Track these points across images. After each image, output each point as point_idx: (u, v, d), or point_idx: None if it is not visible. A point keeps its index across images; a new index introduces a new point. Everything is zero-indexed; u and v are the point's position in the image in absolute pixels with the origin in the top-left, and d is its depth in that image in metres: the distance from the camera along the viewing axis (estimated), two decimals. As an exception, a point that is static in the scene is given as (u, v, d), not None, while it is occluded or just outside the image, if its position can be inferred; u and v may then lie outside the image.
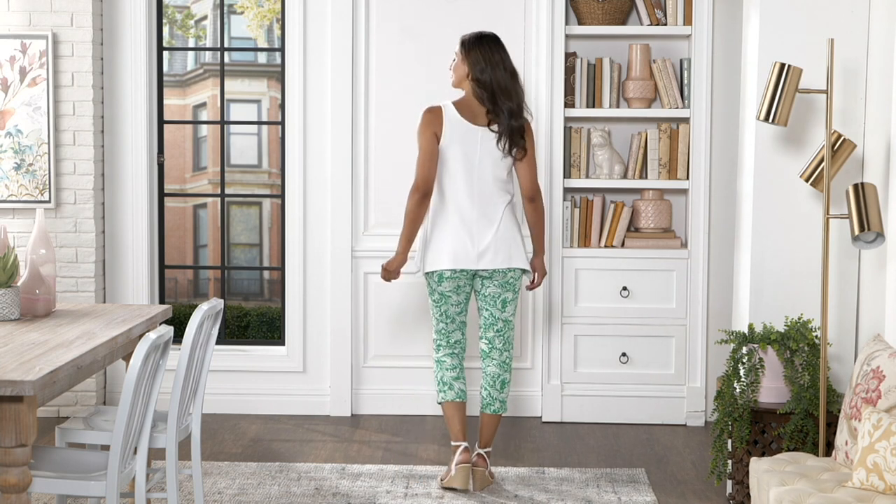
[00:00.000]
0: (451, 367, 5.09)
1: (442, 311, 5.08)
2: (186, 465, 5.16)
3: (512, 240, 5.07)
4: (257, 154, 7.33)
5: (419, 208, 5.03)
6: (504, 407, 5.17)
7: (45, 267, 4.48)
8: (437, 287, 5.06)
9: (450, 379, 5.08)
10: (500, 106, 4.99)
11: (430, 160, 5.00)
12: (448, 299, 5.06)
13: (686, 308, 6.21)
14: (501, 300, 5.11)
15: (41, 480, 3.56)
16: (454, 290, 5.05)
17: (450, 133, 5.00)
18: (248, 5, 6.91)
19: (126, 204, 6.36)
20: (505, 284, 5.10)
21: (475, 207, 5.03)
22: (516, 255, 5.08)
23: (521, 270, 5.12)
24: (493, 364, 5.16)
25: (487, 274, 5.07)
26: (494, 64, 5.01)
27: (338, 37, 6.25)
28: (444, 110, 5.03)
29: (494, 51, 5.03)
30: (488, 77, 4.99)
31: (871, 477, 3.64)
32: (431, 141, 5.00)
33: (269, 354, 6.45)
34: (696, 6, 6.11)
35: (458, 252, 5.01)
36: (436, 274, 5.04)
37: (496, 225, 5.04)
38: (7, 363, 3.56)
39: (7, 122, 6.17)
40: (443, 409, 5.13)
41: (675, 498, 5.06)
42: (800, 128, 4.87)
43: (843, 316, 4.87)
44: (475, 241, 5.02)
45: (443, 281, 5.04)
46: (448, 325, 5.10)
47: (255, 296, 7.56)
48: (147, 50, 6.31)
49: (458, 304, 5.09)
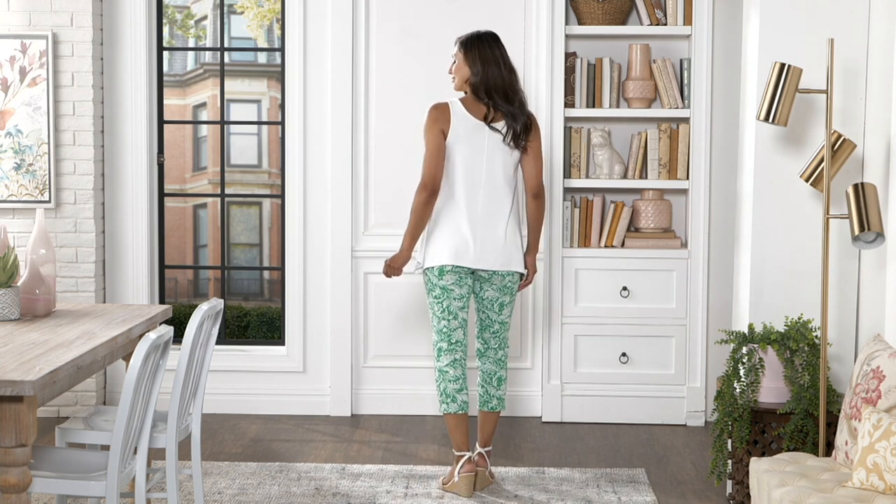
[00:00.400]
0: (454, 379, 5.05)
1: (444, 307, 5.03)
2: (186, 465, 5.16)
3: (513, 243, 5.06)
4: (257, 154, 7.33)
5: (426, 206, 5.00)
6: (502, 404, 5.17)
7: (45, 267, 4.48)
8: (437, 282, 5.03)
9: (452, 391, 5.05)
10: (502, 103, 4.99)
11: (437, 157, 4.98)
12: (450, 293, 5.02)
13: (686, 308, 6.21)
14: (499, 304, 5.11)
15: (41, 480, 3.56)
16: (456, 282, 5.01)
17: (457, 130, 4.99)
18: (248, 5, 6.91)
19: (126, 204, 6.36)
20: (503, 288, 5.09)
21: (481, 206, 5.02)
22: (516, 259, 5.07)
23: (519, 274, 5.12)
24: (489, 361, 5.16)
25: (486, 276, 5.06)
26: (495, 62, 5.01)
27: (338, 37, 6.25)
28: (452, 107, 5.01)
29: (494, 48, 5.02)
30: (490, 76, 4.99)
31: (871, 477, 3.64)
32: (438, 138, 4.99)
33: (269, 354, 6.45)
34: (696, 6, 6.11)
35: (459, 249, 4.99)
36: (436, 268, 5.02)
37: (501, 226, 5.03)
38: (7, 363, 3.56)
39: (7, 122, 6.17)
40: (445, 420, 5.12)
41: (675, 498, 5.06)
42: (800, 128, 4.87)
43: (843, 316, 4.87)
44: (478, 240, 5.00)
45: (444, 274, 5.01)
46: (450, 322, 5.05)
47: (255, 296, 7.56)
48: (147, 50, 6.31)
49: (461, 299, 5.04)
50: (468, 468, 5.02)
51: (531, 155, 5.06)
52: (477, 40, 5.04)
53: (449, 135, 4.98)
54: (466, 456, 5.04)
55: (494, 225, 5.02)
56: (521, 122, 5.00)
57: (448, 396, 5.05)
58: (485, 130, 5.00)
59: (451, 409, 5.05)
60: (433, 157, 4.98)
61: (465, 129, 4.99)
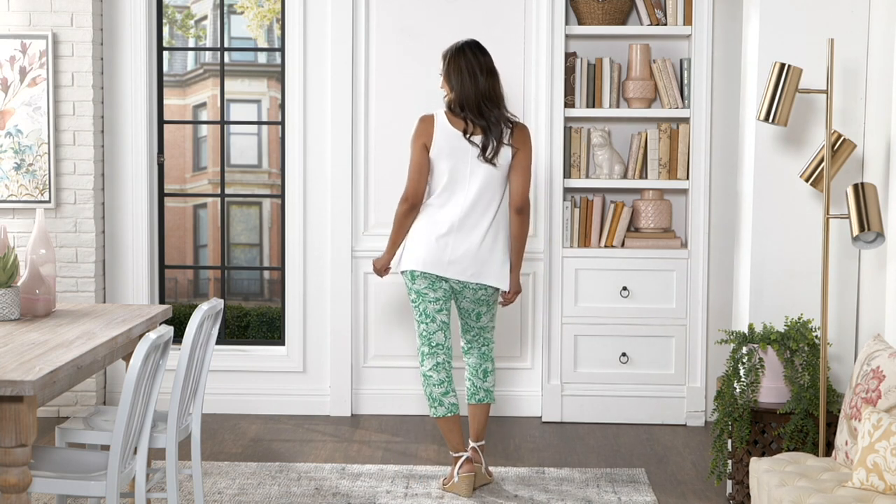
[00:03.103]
0: (439, 383, 5.04)
1: (421, 311, 5.04)
2: (186, 465, 5.16)
3: (491, 256, 5.00)
4: (257, 154, 7.33)
5: (406, 218, 5.04)
6: (490, 396, 5.17)
7: (45, 267, 4.48)
8: (412, 286, 5.05)
9: (439, 395, 5.05)
10: (476, 118, 4.95)
11: (419, 173, 4.99)
12: (425, 297, 5.03)
13: (686, 308, 6.21)
14: (476, 314, 5.14)
15: (41, 480, 3.56)
16: (429, 287, 5.01)
17: (440, 143, 4.97)
18: (248, 5, 6.91)
19: (126, 204, 6.36)
20: (477, 301, 5.08)
21: (459, 218, 4.97)
22: (492, 273, 5.01)
23: (493, 288, 5.08)
24: (473, 356, 5.20)
25: (459, 287, 5.04)
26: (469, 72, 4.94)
27: (338, 36, 6.25)
28: (436, 119, 5.00)
29: (470, 57, 4.96)
30: (463, 90, 4.94)
31: (871, 477, 3.64)
32: (422, 153, 4.99)
33: (269, 354, 6.46)
34: (696, 6, 6.11)
35: (428, 257, 4.97)
36: (408, 272, 5.04)
37: (477, 238, 4.97)
38: (7, 363, 3.56)
39: (7, 122, 6.17)
40: (437, 424, 5.13)
41: (675, 498, 5.06)
42: (800, 128, 4.87)
43: (843, 316, 4.87)
44: (449, 249, 4.96)
45: (415, 279, 5.02)
46: (429, 325, 5.04)
47: (255, 296, 7.56)
48: (147, 50, 6.31)
49: (437, 301, 5.02)
50: (467, 468, 5.03)
51: (517, 169, 5.00)
52: (453, 54, 5.00)
53: (432, 148, 4.98)
54: (464, 456, 5.05)
55: (469, 237, 4.97)
56: (495, 136, 4.93)
57: (435, 401, 5.05)
58: (464, 143, 4.98)
59: (440, 413, 5.04)
60: (416, 171, 5.00)
61: (448, 141, 4.96)
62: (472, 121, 4.95)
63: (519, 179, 5.01)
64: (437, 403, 5.04)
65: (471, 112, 4.95)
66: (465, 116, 4.96)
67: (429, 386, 5.06)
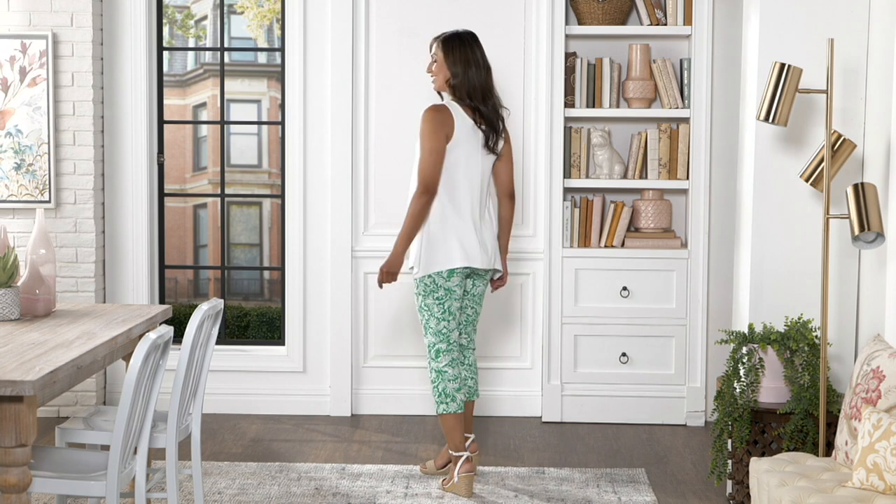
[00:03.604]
0: (454, 378, 5.08)
1: (445, 308, 5.05)
2: (186, 465, 5.16)
3: (495, 242, 5.18)
4: (257, 154, 7.33)
5: (425, 211, 5.00)
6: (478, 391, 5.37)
7: (45, 267, 4.48)
8: (444, 283, 5.03)
9: (452, 391, 5.07)
10: (482, 106, 5.02)
11: (439, 162, 4.97)
12: (453, 294, 5.05)
13: (686, 308, 6.21)
14: (482, 297, 5.23)
15: (41, 480, 3.56)
16: (459, 284, 5.06)
17: (458, 134, 4.99)
18: (248, 5, 6.91)
19: (126, 204, 6.36)
20: (483, 290, 5.23)
21: (476, 207, 5.05)
22: (497, 258, 5.19)
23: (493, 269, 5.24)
24: (472, 354, 5.27)
25: (481, 273, 5.12)
26: (475, 63, 5.02)
27: (338, 37, 6.25)
28: (452, 110, 5.02)
29: (474, 48, 5.04)
30: (470, 78, 5.00)
31: (871, 477, 3.64)
32: (443, 143, 4.97)
33: (269, 354, 6.46)
34: (696, 6, 6.11)
35: (468, 250, 5.02)
36: (445, 271, 5.02)
37: (491, 224, 5.12)
38: (7, 363, 3.56)
39: (7, 122, 6.17)
40: (443, 421, 5.11)
41: (675, 498, 5.06)
42: (800, 128, 4.87)
43: (843, 316, 4.87)
44: (480, 240, 5.05)
45: (452, 276, 5.03)
46: (449, 323, 5.08)
47: (255, 296, 7.56)
48: (147, 50, 6.31)
49: (460, 299, 5.10)
50: (467, 468, 5.03)
51: (505, 157, 5.15)
52: (458, 41, 5.04)
53: (452, 139, 4.98)
54: (465, 456, 5.05)
55: (487, 224, 5.10)
56: (496, 125, 5.06)
57: (448, 396, 5.05)
58: (478, 133, 5.02)
59: (451, 408, 5.05)
60: (436, 161, 4.96)
61: (465, 132, 5.01)
62: (479, 110, 5.01)
63: (508, 166, 5.17)
64: (451, 399, 5.06)
65: (478, 99, 5.02)
66: (474, 106, 5.01)
67: (443, 381, 5.07)
